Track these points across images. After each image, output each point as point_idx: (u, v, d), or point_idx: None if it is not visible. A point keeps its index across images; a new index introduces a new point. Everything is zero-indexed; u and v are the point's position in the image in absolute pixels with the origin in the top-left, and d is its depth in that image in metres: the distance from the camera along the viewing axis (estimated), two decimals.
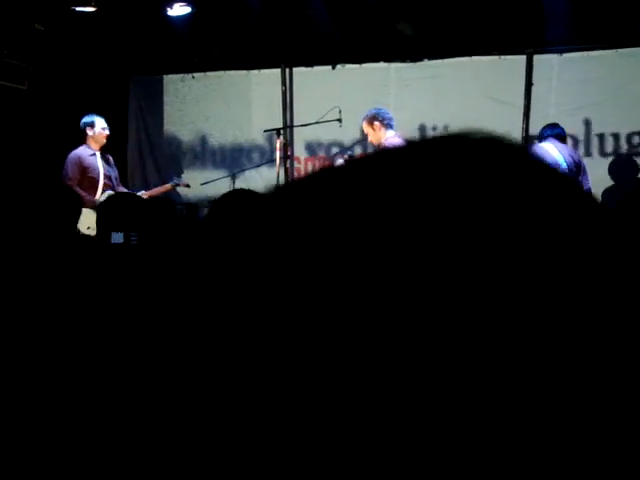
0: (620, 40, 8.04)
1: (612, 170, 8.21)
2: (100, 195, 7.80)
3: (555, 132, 7.13)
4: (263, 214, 0.58)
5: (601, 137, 8.34)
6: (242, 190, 3.75)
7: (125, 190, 8.19)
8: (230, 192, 3.79)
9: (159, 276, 2.86)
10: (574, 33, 7.99)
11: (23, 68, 8.82)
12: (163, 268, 2.98)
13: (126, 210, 4.52)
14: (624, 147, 8.23)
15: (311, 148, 9.20)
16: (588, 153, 8.31)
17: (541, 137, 7.26)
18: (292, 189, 0.63)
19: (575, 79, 8.32)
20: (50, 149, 8.73)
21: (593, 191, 7.17)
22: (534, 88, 8.39)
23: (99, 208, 4.18)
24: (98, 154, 7.92)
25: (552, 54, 8.41)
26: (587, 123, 8.31)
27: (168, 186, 8.41)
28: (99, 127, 7.91)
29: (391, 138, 6.98)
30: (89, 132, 7.88)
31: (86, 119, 7.91)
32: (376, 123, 6.98)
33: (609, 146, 8.33)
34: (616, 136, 8.28)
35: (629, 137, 8.23)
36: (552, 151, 6.93)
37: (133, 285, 3.02)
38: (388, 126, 7.01)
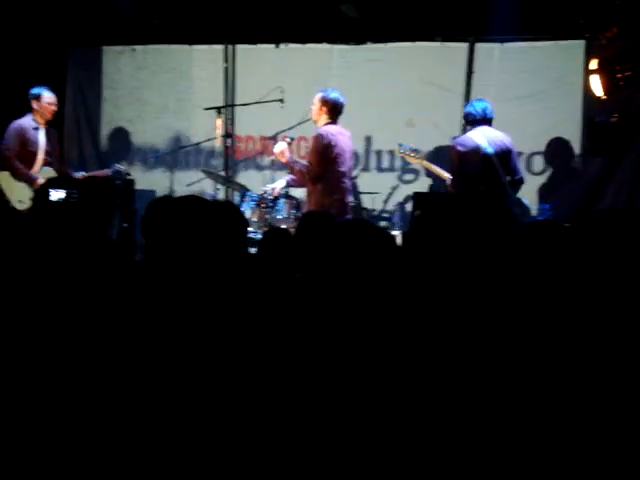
0: (561, 32, 8.13)
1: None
2: (38, 171, 7.66)
3: (484, 114, 7.00)
4: None
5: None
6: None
7: (67, 171, 8.04)
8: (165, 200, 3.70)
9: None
10: (516, 23, 8.07)
11: None
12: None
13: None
14: None
15: (252, 126, 9.11)
16: None
17: (471, 119, 7.10)
18: None
19: (516, 68, 8.41)
20: None
21: (528, 182, 7.27)
22: (475, 76, 8.47)
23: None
24: (42, 129, 7.76)
25: (494, 43, 8.48)
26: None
27: (108, 172, 8.30)
28: (45, 101, 7.75)
29: (328, 127, 6.94)
30: (35, 105, 7.72)
31: (34, 91, 7.76)
32: (324, 108, 6.96)
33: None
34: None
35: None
36: (477, 138, 6.91)
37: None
38: (332, 118, 6.97)
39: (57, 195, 3.71)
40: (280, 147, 7.10)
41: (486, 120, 6.99)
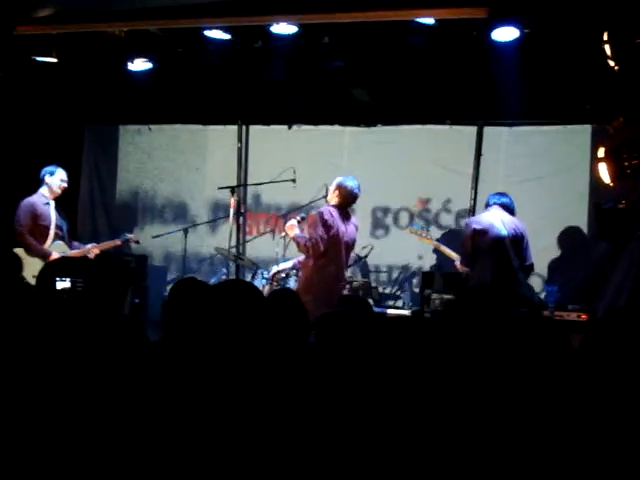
0: (568, 117, 8.30)
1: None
2: (50, 245, 7.77)
3: (501, 201, 7.28)
4: None
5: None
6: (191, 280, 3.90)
7: (76, 244, 8.16)
8: (181, 282, 3.92)
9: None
10: (524, 108, 8.23)
11: None
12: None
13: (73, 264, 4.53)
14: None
15: (264, 205, 9.28)
16: None
17: (487, 204, 7.41)
18: None
19: (523, 152, 8.55)
20: (2, 193, 8.69)
21: (535, 263, 7.34)
22: (483, 158, 8.61)
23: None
24: (52, 203, 7.91)
25: (502, 127, 8.65)
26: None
27: (118, 241, 8.41)
28: (58, 178, 7.92)
29: (332, 208, 7.07)
30: (47, 180, 7.88)
31: (48, 168, 7.94)
32: (336, 192, 7.10)
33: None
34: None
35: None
36: (493, 219, 7.09)
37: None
38: (342, 204, 7.11)
39: (62, 285, 3.76)
40: (290, 222, 7.25)
41: (504, 207, 7.17)
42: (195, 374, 2.68)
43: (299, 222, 7.30)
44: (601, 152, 6.51)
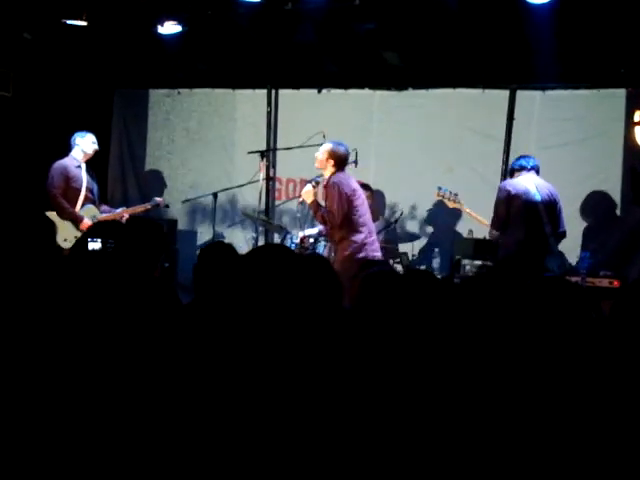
0: (603, 81, 8.16)
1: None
2: (80, 207, 7.80)
3: (531, 164, 7.13)
4: None
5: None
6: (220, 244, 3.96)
7: (106, 207, 8.20)
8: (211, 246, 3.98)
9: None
10: (558, 71, 8.10)
11: (6, 74, 8.81)
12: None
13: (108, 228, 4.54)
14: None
15: (294, 169, 9.22)
16: None
17: (520, 168, 7.18)
18: None
19: (557, 116, 8.43)
20: (32, 156, 8.73)
21: (567, 231, 7.24)
22: (515, 123, 8.48)
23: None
24: (83, 166, 7.94)
25: (535, 90, 8.52)
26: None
27: (148, 205, 8.45)
28: (89, 140, 7.96)
29: (341, 175, 6.99)
30: (78, 142, 7.92)
31: (78, 132, 7.98)
32: (331, 160, 7.01)
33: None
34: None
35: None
36: (527, 183, 6.97)
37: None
38: (340, 167, 7.02)
39: (93, 245, 3.80)
40: (306, 189, 7.18)
41: (535, 169, 7.09)
42: (230, 335, 2.68)
43: (313, 187, 7.20)
44: (637, 116, 6.42)
